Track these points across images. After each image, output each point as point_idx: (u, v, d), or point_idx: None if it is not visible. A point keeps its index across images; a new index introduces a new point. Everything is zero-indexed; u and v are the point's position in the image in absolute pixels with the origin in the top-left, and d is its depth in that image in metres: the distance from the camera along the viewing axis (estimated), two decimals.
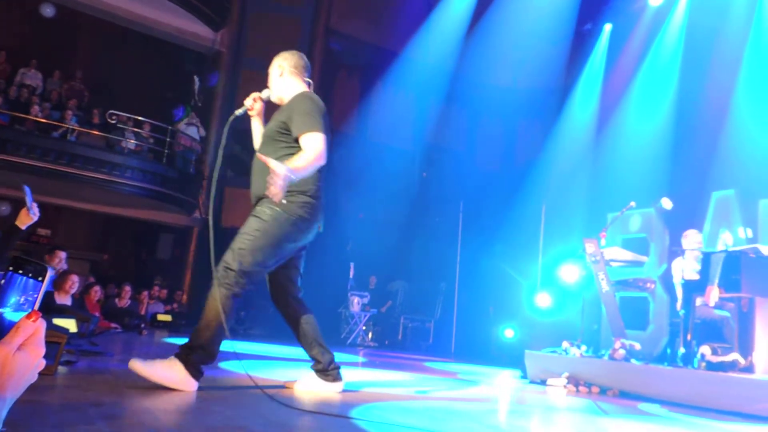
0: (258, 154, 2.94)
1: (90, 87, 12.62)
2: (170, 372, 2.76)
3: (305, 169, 2.78)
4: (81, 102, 11.95)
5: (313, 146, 2.85)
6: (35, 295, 0.92)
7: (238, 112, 3.18)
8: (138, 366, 2.75)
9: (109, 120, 11.30)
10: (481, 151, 14.86)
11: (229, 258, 2.88)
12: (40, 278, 0.93)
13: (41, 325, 0.88)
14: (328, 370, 3.19)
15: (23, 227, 3.33)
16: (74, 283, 5.86)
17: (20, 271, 0.92)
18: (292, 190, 2.80)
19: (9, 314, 0.90)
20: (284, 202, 2.82)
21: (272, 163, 2.62)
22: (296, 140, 2.92)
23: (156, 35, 12.96)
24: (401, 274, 12.04)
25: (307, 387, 3.21)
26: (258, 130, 3.26)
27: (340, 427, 2.36)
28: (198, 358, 2.83)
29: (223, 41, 13.31)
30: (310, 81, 3.23)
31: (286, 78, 3.18)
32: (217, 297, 2.79)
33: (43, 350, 0.88)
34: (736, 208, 6.03)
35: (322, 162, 2.88)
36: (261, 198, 2.96)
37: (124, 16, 12.38)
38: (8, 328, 0.87)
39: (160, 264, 13.51)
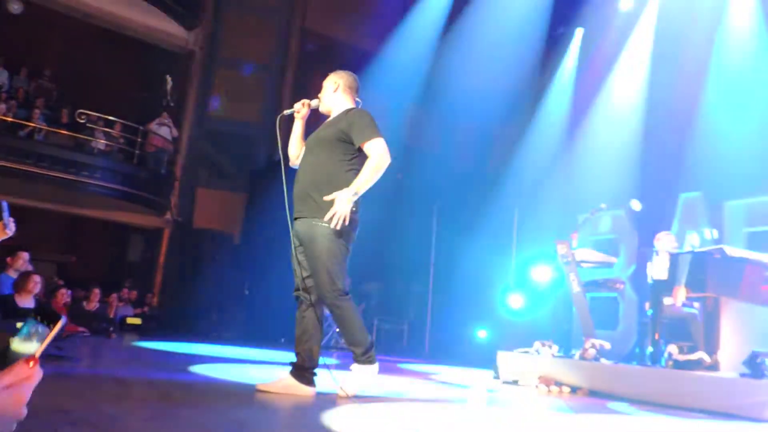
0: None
1: (59, 85, 12.37)
2: (363, 379, 3.19)
3: (376, 174, 3.10)
4: (49, 101, 11.70)
5: (379, 151, 3.13)
6: (43, 335, 0.92)
7: (287, 112, 3.41)
8: (344, 391, 3.13)
9: (78, 119, 11.08)
10: (456, 153, 14.92)
11: (329, 282, 3.10)
12: (50, 324, 0.93)
13: (37, 373, 0.87)
14: (306, 373, 3.20)
15: None
16: (36, 283, 5.70)
17: (37, 317, 0.93)
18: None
19: (16, 344, 0.90)
20: (342, 207, 3.05)
21: (336, 199, 2.97)
22: (358, 149, 3.18)
23: (128, 33, 12.75)
24: (375, 276, 12.03)
25: (282, 388, 3.18)
26: (298, 132, 3.48)
27: (311, 430, 2.35)
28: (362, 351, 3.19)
29: (197, 40, 13.17)
30: (360, 101, 3.45)
31: (339, 94, 3.40)
32: (346, 313, 3.13)
33: (29, 394, 0.87)
34: (702, 210, 6.17)
35: (389, 161, 3.15)
36: (306, 195, 3.19)
37: (95, 13, 12.16)
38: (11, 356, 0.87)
39: (131, 266, 13.29)
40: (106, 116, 11.40)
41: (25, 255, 5.78)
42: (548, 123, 10.50)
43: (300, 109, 3.40)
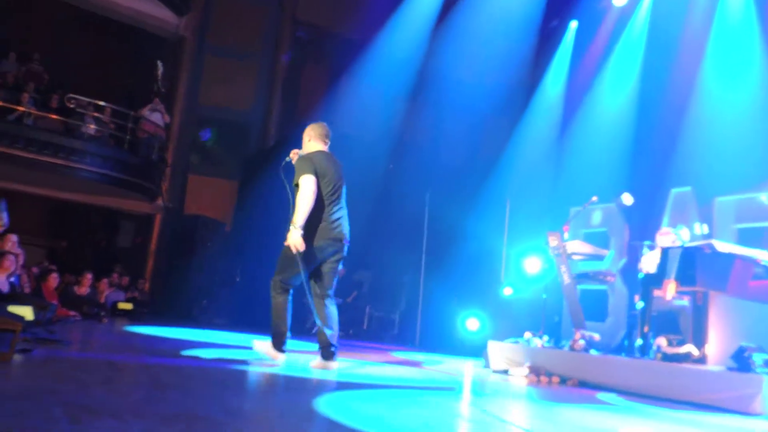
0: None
1: (49, 70, 12.22)
2: (268, 349, 4.18)
3: (304, 207, 4.03)
4: (39, 85, 11.56)
5: (303, 186, 4.09)
6: None
7: (287, 160, 4.41)
8: (257, 346, 4.28)
9: (68, 104, 10.95)
10: (448, 144, 14.90)
11: (275, 272, 4.22)
12: None
13: None
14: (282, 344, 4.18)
15: None
16: (12, 262, 5.61)
17: None
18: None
19: None
20: (295, 233, 4.01)
21: (290, 238, 4.02)
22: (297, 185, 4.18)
23: (117, 18, 12.60)
24: (367, 265, 12.04)
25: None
26: None
27: (301, 414, 2.36)
28: (280, 339, 4.14)
29: (188, 27, 13.03)
30: (329, 141, 4.46)
31: (312, 143, 4.39)
32: (273, 302, 4.21)
33: None
34: (692, 205, 6.21)
35: (312, 190, 4.06)
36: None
37: None
38: None
39: (121, 252, 13.22)
40: (97, 101, 11.28)
41: (14, 237, 5.74)
42: (541, 115, 10.51)
43: (294, 158, 4.36)
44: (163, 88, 12.24)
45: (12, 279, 5.70)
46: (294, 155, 4.36)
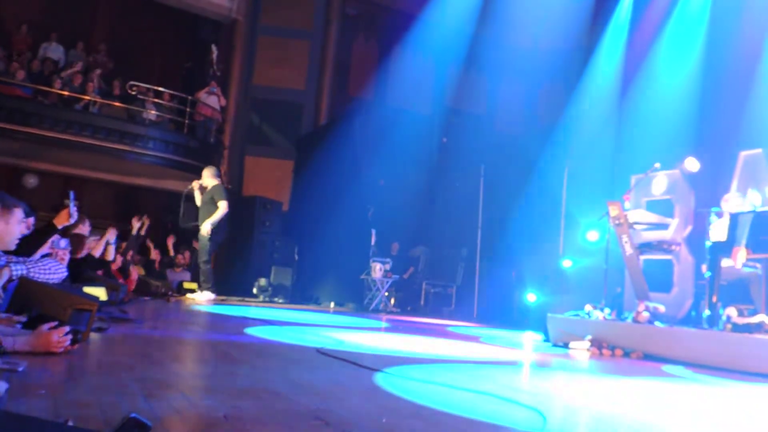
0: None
1: (111, 58, 12.66)
2: (205, 298, 7.47)
3: (220, 218, 7.64)
4: (103, 74, 12.00)
5: (223, 208, 7.66)
6: None
7: (189, 187, 8.15)
8: (199, 300, 7.49)
9: (129, 91, 11.33)
10: (502, 115, 14.64)
11: (200, 255, 7.89)
12: None
13: None
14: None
15: (60, 226, 3.42)
16: (87, 240, 5.90)
17: None
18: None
19: None
20: (207, 227, 7.60)
21: (205, 225, 7.74)
22: (217, 204, 7.70)
23: (172, 4, 12.88)
24: (423, 240, 12.04)
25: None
26: (198, 197, 8.03)
27: (364, 389, 2.41)
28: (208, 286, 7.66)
29: (240, 9, 13.19)
30: (220, 176, 7.87)
31: (211, 179, 7.92)
32: (203, 268, 7.78)
33: None
34: (764, 168, 5.89)
35: (227, 211, 7.68)
36: (202, 221, 7.80)
37: None
38: None
39: (185, 233, 13.67)
40: (156, 87, 11.62)
41: (86, 220, 6.06)
42: (599, 80, 10.15)
43: (197, 187, 7.97)
44: (219, 71, 12.46)
45: None
46: (196, 184, 8.02)
